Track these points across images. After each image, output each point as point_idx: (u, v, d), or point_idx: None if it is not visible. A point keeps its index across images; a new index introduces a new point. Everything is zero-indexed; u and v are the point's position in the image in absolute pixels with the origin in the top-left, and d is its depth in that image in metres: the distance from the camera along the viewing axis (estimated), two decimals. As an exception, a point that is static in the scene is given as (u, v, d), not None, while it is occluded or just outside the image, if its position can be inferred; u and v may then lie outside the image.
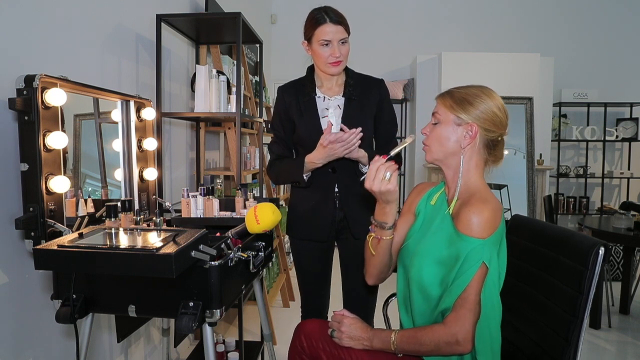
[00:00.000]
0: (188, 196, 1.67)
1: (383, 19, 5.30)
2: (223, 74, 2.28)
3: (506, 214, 4.29)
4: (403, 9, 5.30)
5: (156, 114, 2.00)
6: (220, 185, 2.78)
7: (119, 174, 1.73)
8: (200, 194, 1.67)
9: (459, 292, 1.08)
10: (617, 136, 5.10)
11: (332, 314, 1.28)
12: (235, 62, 2.56)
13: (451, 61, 4.66)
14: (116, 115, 1.71)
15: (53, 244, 1.04)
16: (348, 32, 1.59)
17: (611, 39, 5.22)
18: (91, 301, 1.22)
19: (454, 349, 1.08)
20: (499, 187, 4.43)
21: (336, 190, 1.65)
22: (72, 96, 1.39)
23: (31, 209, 1.23)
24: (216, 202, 1.68)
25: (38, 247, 1.03)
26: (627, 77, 5.23)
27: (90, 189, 1.61)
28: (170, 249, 1.01)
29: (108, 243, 1.10)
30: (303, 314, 1.80)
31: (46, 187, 1.24)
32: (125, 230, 1.23)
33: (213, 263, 1.14)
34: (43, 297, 1.46)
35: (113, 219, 1.26)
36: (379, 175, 1.13)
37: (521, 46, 5.13)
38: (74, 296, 1.19)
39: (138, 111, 1.77)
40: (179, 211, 1.73)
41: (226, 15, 2.30)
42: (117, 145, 1.73)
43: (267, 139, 1.99)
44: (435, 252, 1.16)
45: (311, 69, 1.71)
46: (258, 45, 2.73)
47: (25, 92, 1.21)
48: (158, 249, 1.00)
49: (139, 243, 1.10)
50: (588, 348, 2.70)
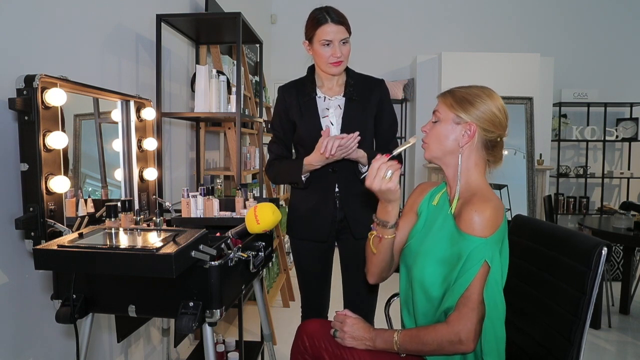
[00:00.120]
0: (188, 196, 1.67)
1: (383, 19, 5.30)
2: (223, 74, 2.28)
3: (506, 214, 4.28)
4: (403, 9, 5.30)
5: (156, 114, 2.00)
6: (220, 185, 2.78)
7: (119, 174, 1.74)
8: (200, 194, 1.67)
9: (462, 291, 1.08)
10: (617, 136, 5.10)
11: (335, 314, 1.28)
12: (235, 62, 2.56)
13: (451, 61, 4.66)
14: (116, 115, 1.71)
15: (53, 244, 1.04)
16: (349, 32, 1.59)
17: (611, 39, 5.22)
18: (91, 301, 1.22)
19: (457, 348, 1.08)
20: (499, 187, 4.43)
21: (336, 190, 1.65)
22: (72, 96, 1.39)
23: (31, 209, 1.23)
24: (216, 202, 1.68)
25: (38, 247, 1.03)
26: (627, 77, 5.23)
27: (90, 189, 1.61)
28: (170, 249, 1.01)
29: (108, 243, 1.10)
30: (303, 314, 1.80)
31: (46, 187, 1.24)
32: (125, 230, 1.23)
33: (213, 263, 1.14)
34: (43, 297, 1.46)
35: (113, 219, 1.26)
36: (380, 173, 1.12)
37: (521, 46, 5.13)
38: (74, 296, 1.19)
39: (138, 111, 1.77)
40: (179, 211, 1.73)
41: (226, 15, 2.30)
42: (117, 145, 1.73)
43: (267, 139, 1.99)
44: (437, 252, 1.16)
45: (312, 69, 1.71)
46: (258, 45, 2.73)
47: (25, 92, 1.21)
48: (158, 249, 1.00)
49: (139, 243, 1.10)
50: (588, 348, 2.70)
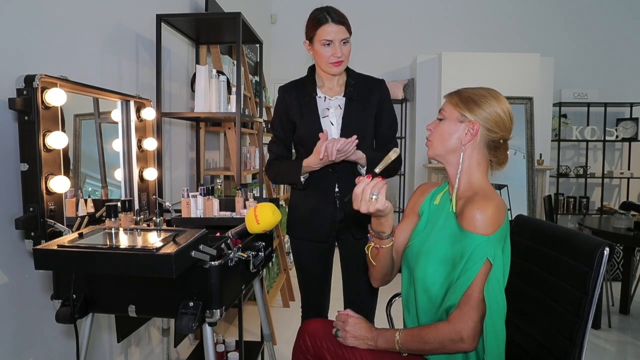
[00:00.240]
0: (188, 196, 1.67)
1: (383, 19, 5.30)
2: (223, 74, 2.28)
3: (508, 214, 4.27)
4: (403, 9, 5.30)
5: (156, 114, 2.00)
6: (220, 185, 2.78)
7: (119, 174, 1.73)
8: (200, 194, 1.67)
9: (464, 290, 1.08)
10: (617, 136, 5.10)
11: (337, 314, 1.28)
12: (235, 62, 2.56)
13: (451, 61, 4.66)
14: (116, 115, 1.71)
15: (53, 244, 1.04)
16: (350, 32, 1.59)
17: (611, 39, 5.22)
18: (91, 301, 1.22)
19: (459, 347, 1.08)
20: (499, 187, 4.43)
21: (336, 190, 1.65)
22: (72, 96, 1.39)
23: (31, 209, 1.23)
24: (216, 202, 1.68)
25: (38, 247, 1.03)
26: (627, 77, 5.23)
27: (90, 189, 1.61)
28: (170, 249, 1.01)
29: (108, 243, 1.09)
30: (303, 314, 1.80)
31: (46, 187, 1.24)
32: (125, 230, 1.23)
33: (213, 263, 1.14)
34: (43, 297, 1.46)
35: (113, 219, 1.26)
36: (365, 196, 1.11)
37: (521, 46, 5.13)
38: (74, 296, 1.19)
39: (138, 111, 1.77)
40: (179, 211, 1.73)
41: (226, 15, 2.30)
42: (117, 145, 1.73)
43: (267, 139, 2.00)
44: (440, 251, 1.16)
45: (312, 69, 1.71)
46: (258, 45, 2.73)
47: (25, 92, 1.21)
48: (158, 249, 1.00)
49: (139, 243, 1.10)
50: (588, 348, 2.67)
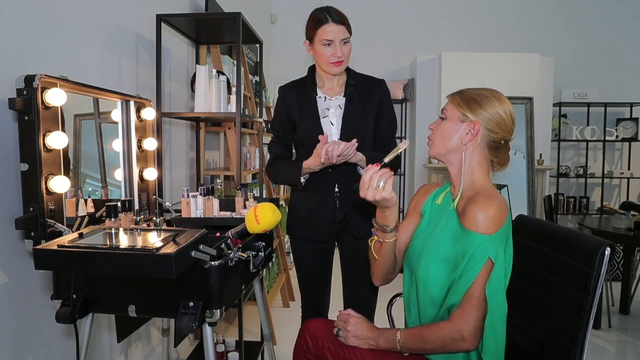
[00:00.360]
0: (188, 196, 1.67)
1: (383, 19, 5.30)
2: (223, 74, 2.28)
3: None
4: (403, 9, 5.30)
5: (156, 114, 2.00)
6: (220, 185, 2.78)
7: (119, 174, 1.73)
8: (200, 194, 1.67)
9: (466, 289, 1.08)
10: (617, 136, 5.10)
11: (338, 314, 1.28)
12: (235, 62, 2.56)
13: (451, 61, 4.66)
14: (116, 115, 1.71)
15: (53, 244, 1.04)
16: (350, 32, 1.59)
17: (611, 39, 5.22)
18: (91, 301, 1.22)
19: (460, 346, 1.08)
20: (499, 187, 4.43)
21: (336, 190, 1.65)
22: (72, 96, 1.39)
23: (31, 209, 1.23)
24: (216, 202, 1.68)
25: (38, 247, 1.03)
26: (627, 77, 5.23)
27: (90, 189, 1.61)
28: (170, 249, 1.01)
29: (108, 243, 1.09)
30: (303, 314, 1.80)
31: (46, 187, 1.24)
32: (125, 230, 1.23)
33: (213, 263, 1.14)
34: (43, 297, 1.46)
35: (113, 219, 1.26)
36: (373, 183, 1.12)
37: (521, 46, 5.13)
38: (74, 296, 1.19)
39: (138, 111, 1.77)
40: (179, 211, 1.73)
41: (226, 15, 2.30)
42: (117, 145, 1.73)
43: (267, 139, 2.00)
44: (442, 251, 1.16)
45: (312, 69, 1.71)
46: (258, 45, 2.73)
47: (25, 92, 1.21)
48: (158, 249, 1.00)
49: (139, 243, 1.10)
50: (588, 348, 2.69)
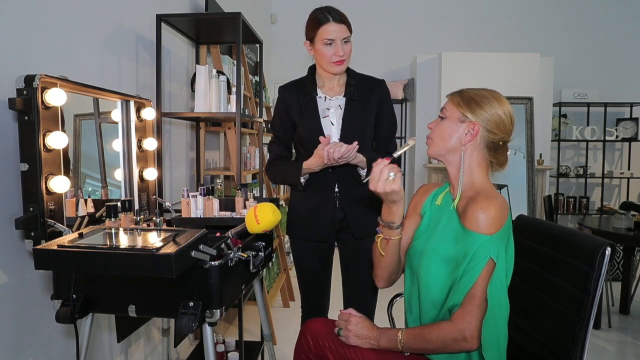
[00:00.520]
0: (188, 196, 1.67)
1: (383, 19, 5.30)
2: (223, 74, 2.28)
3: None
4: (403, 9, 5.30)
5: (156, 114, 2.00)
6: (220, 185, 2.78)
7: (119, 174, 1.73)
8: (200, 194, 1.67)
9: (467, 289, 1.08)
10: (617, 136, 5.10)
11: (339, 313, 1.28)
12: (235, 62, 2.56)
13: (451, 61, 4.66)
14: (116, 115, 1.71)
15: (53, 244, 1.04)
16: (350, 31, 1.59)
17: (611, 39, 5.22)
18: (91, 301, 1.22)
19: (461, 346, 1.08)
20: (499, 187, 4.43)
21: (336, 190, 1.65)
22: (72, 96, 1.39)
23: (31, 209, 1.23)
24: (216, 202, 1.68)
25: (38, 247, 1.03)
26: (627, 77, 5.23)
27: (90, 189, 1.61)
28: (170, 249, 1.01)
29: (108, 243, 1.10)
30: (303, 314, 1.80)
31: (46, 187, 1.24)
32: (125, 230, 1.23)
33: (213, 263, 1.14)
34: (43, 297, 1.46)
35: (113, 219, 1.26)
36: (383, 176, 1.13)
37: (521, 46, 5.13)
38: (74, 296, 1.19)
39: (138, 111, 1.77)
40: (179, 211, 1.73)
41: (226, 15, 2.30)
42: (117, 145, 1.73)
43: (267, 139, 2.00)
44: (443, 251, 1.16)
45: (312, 69, 1.71)
46: (258, 45, 2.73)
47: (25, 92, 1.21)
48: (158, 249, 1.00)
49: (139, 243, 1.10)
50: (588, 348, 2.69)
